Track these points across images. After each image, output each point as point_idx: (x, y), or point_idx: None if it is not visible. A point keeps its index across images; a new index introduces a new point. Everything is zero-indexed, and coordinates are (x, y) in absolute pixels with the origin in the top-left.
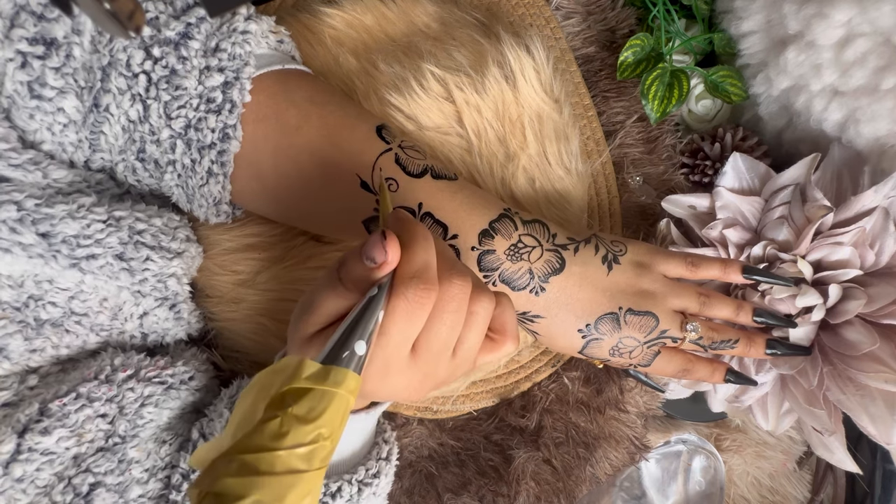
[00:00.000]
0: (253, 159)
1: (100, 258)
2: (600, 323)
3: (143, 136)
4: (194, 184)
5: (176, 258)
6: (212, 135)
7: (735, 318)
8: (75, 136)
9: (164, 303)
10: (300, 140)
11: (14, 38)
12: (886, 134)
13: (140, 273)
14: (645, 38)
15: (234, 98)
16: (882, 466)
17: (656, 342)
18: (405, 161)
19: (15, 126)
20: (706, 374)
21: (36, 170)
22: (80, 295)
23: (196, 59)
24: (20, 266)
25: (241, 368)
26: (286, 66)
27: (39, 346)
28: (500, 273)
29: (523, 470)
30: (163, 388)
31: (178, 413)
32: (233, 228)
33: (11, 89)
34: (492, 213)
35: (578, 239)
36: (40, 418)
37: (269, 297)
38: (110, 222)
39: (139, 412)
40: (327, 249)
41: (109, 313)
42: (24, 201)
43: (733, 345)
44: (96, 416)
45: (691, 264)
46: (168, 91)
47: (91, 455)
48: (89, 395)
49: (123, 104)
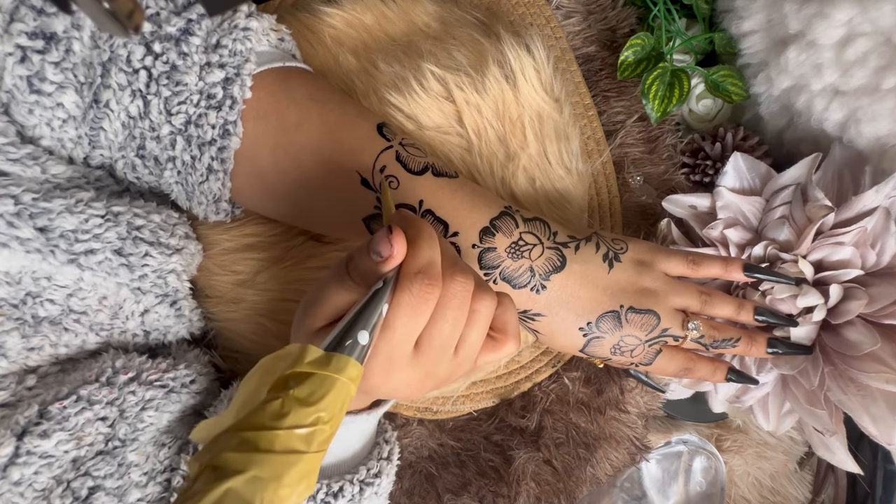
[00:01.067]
0: (253, 156)
1: (98, 253)
2: (601, 321)
3: (144, 132)
4: (194, 181)
5: (175, 254)
6: (212, 131)
7: (736, 316)
8: (74, 132)
9: (164, 299)
10: (300, 137)
11: (13, 32)
12: (887, 134)
13: (139, 269)
14: (645, 38)
15: (235, 94)
16: (883, 467)
17: (658, 340)
18: (406, 159)
19: (14, 121)
20: (707, 374)
21: (34, 164)
22: (78, 293)
23: (197, 55)
24: (18, 261)
25: (241, 369)
26: (287, 63)
27: (37, 345)
28: (501, 271)
29: (523, 470)
30: (164, 392)
31: (178, 416)
32: (232, 228)
33: (11, 84)
34: (493, 211)
35: (579, 237)
36: (39, 421)
37: (269, 297)
38: (108, 217)
39: (140, 416)
40: (327, 249)
41: (109, 312)
42: (22, 195)
43: (735, 343)
44: (96, 419)
45: (693, 262)
46: (168, 87)
47: (90, 459)
48: (90, 397)
49: (124, 100)
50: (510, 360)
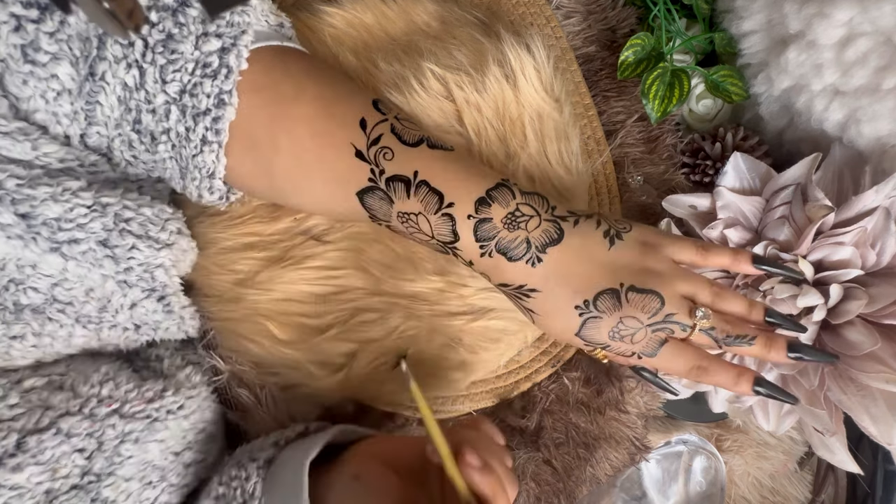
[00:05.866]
0: (248, 129)
1: (82, 243)
2: (599, 300)
3: (139, 104)
4: (188, 153)
5: (164, 249)
6: (207, 100)
7: (748, 315)
8: (70, 106)
9: (151, 294)
10: (296, 111)
11: (8, 0)
12: (887, 134)
13: (125, 261)
14: (646, 38)
15: (231, 63)
16: (883, 467)
17: (661, 326)
18: (401, 131)
19: (8, 93)
20: (728, 381)
21: (25, 140)
22: (63, 283)
23: (193, 26)
24: (0, 248)
25: (241, 370)
26: (285, 44)
27: (19, 333)
28: (497, 242)
29: (523, 470)
30: (146, 423)
31: (170, 445)
32: (232, 227)
33: (5, 53)
34: (489, 182)
35: (580, 213)
36: (14, 453)
37: (269, 297)
38: (95, 208)
39: (117, 449)
40: (327, 249)
41: (97, 304)
42: (6, 181)
43: (749, 342)
44: (73, 450)
45: (702, 249)
46: (164, 55)
47: (64, 493)
48: (70, 430)
49: (119, 72)
50: (509, 359)
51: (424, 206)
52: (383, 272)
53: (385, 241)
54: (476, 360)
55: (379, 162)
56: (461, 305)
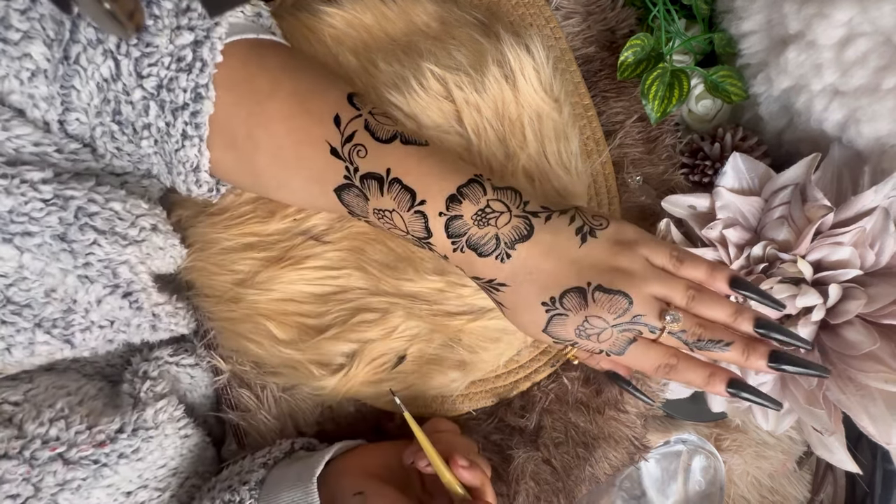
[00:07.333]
0: (227, 126)
1: (36, 236)
2: (565, 298)
3: (118, 95)
4: (170, 148)
5: (131, 245)
6: (184, 94)
7: (732, 323)
8: (46, 88)
9: (115, 290)
10: (272, 106)
11: None
12: (887, 134)
13: (83, 256)
14: (645, 38)
15: (205, 56)
16: (882, 466)
17: (628, 327)
18: (374, 127)
19: None
20: (698, 380)
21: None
22: (20, 283)
23: (168, 19)
24: None
25: (242, 370)
26: (261, 36)
27: None
28: (468, 238)
29: (522, 470)
30: (92, 469)
31: (118, 488)
32: (231, 227)
33: None
34: (460, 178)
35: (554, 209)
36: None
37: (269, 297)
38: (54, 202)
39: (54, 497)
40: (327, 249)
41: (59, 305)
42: None
43: (724, 347)
44: (5, 497)
45: (676, 258)
46: (138, 47)
47: None
48: (3, 475)
49: (96, 58)
50: (509, 359)
51: (397, 204)
52: (383, 272)
53: (385, 241)
54: (475, 359)
55: (353, 159)
56: (461, 305)
